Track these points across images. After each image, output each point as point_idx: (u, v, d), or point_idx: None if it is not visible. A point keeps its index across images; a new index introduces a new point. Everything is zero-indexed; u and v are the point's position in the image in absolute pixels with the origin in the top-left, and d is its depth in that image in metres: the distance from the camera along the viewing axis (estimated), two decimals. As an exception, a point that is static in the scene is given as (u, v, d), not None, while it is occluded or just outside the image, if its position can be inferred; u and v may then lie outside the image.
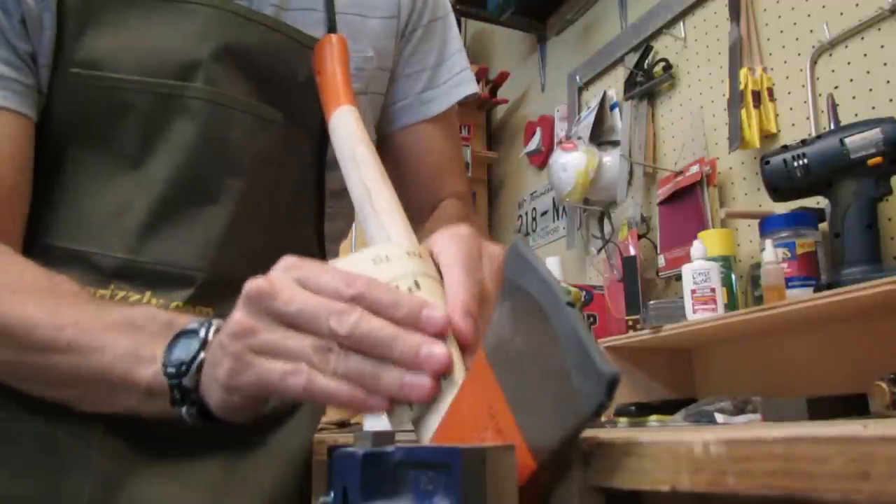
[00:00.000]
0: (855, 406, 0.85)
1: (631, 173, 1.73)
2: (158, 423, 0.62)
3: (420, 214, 0.80)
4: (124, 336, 0.52)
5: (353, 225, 0.86)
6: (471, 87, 0.84)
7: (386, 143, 0.84)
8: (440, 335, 0.39)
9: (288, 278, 0.41)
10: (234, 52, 0.66)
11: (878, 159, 1.02)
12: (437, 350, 0.37)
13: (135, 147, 0.64)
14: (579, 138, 1.84)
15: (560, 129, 2.08)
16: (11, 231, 0.62)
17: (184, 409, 0.49)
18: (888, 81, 1.20)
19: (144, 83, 0.63)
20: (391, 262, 0.42)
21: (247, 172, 0.67)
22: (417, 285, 0.41)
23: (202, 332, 0.48)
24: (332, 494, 0.35)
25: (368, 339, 0.38)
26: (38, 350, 0.53)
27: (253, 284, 0.41)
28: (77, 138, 0.64)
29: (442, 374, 0.37)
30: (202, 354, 0.47)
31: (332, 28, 0.72)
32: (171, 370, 0.48)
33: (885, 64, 1.21)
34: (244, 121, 0.66)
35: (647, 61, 1.75)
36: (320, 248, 0.76)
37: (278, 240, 0.69)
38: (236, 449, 0.66)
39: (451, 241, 0.45)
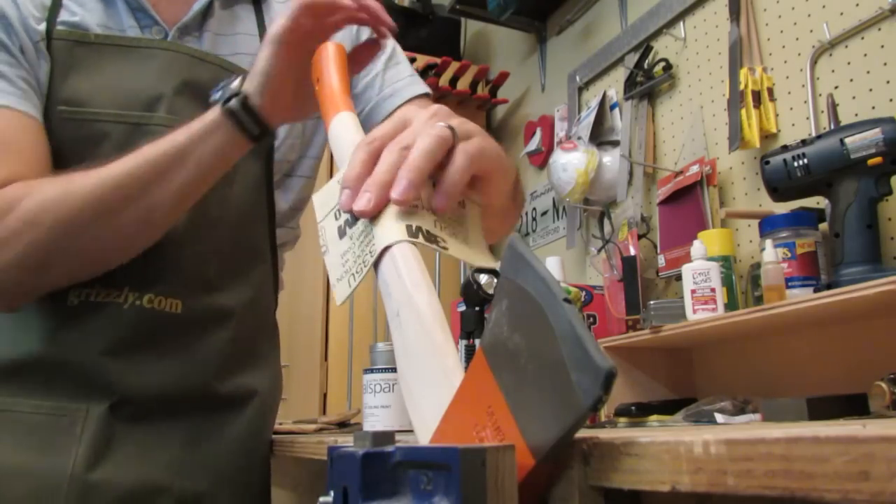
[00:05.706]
0: (855, 406, 0.85)
1: (631, 173, 1.73)
2: (133, 401, 0.77)
3: None
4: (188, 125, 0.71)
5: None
6: (424, 86, 0.93)
7: None
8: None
9: None
10: (191, 86, 0.81)
11: (878, 159, 1.02)
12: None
13: None
14: (579, 138, 1.84)
15: (560, 129, 2.08)
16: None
17: (232, 101, 0.68)
18: (888, 81, 1.20)
19: (117, 115, 0.79)
20: None
21: None
22: None
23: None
24: (332, 494, 0.35)
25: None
26: (144, 163, 0.70)
27: None
28: (62, 162, 0.77)
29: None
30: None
31: None
32: (221, 81, 0.73)
33: (885, 64, 1.21)
34: None
35: (647, 61, 1.75)
36: (272, 245, 0.91)
37: (232, 239, 0.84)
38: (195, 431, 0.80)
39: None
